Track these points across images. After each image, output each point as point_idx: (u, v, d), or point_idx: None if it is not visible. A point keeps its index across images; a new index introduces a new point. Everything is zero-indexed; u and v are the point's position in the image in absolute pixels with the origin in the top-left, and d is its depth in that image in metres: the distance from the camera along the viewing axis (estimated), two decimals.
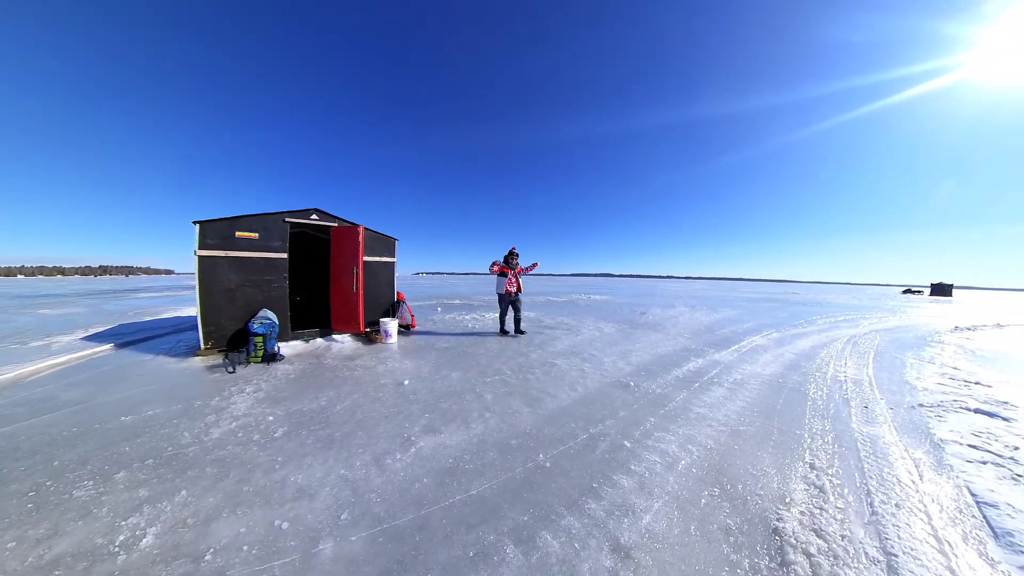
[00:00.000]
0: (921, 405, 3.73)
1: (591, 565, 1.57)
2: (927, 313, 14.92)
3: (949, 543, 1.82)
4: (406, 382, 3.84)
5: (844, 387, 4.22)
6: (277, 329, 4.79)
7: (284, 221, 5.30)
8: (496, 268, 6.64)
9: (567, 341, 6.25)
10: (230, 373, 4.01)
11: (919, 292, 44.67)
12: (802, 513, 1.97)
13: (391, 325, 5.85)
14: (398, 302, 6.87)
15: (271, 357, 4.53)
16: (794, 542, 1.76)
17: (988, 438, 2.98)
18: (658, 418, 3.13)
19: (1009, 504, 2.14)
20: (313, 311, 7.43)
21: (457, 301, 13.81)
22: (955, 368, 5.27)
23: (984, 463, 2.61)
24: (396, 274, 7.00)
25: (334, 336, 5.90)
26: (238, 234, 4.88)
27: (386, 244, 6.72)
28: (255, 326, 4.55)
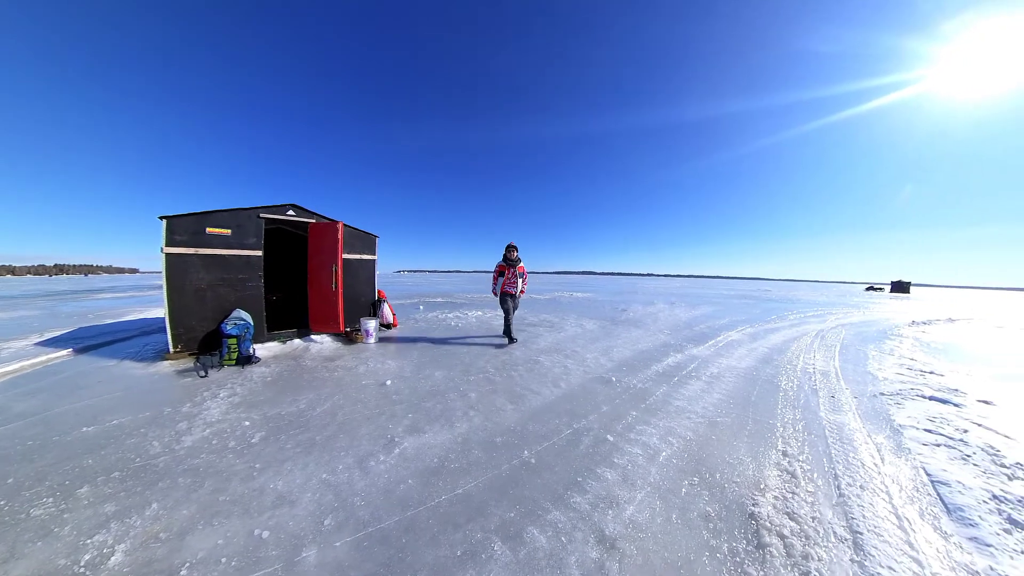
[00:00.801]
0: (882, 394, 3.97)
1: (578, 557, 1.60)
2: (887, 309, 15.83)
3: (908, 519, 1.95)
4: (388, 382, 3.79)
5: (813, 378, 4.44)
6: (252, 330, 4.62)
7: (259, 217, 5.10)
8: (496, 274, 5.85)
9: (550, 338, 6.30)
10: (202, 377, 3.85)
11: (881, 289, 47.33)
12: (776, 498, 2.07)
13: (372, 324, 5.74)
14: (379, 300, 6.75)
15: (246, 360, 4.37)
16: (769, 525, 1.84)
17: (941, 423, 3.20)
18: (639, 412, 3.20)
19: (960, 482, 2.31)
20: (290, 311, 7.20)
21: (440, 299, 13.68)
22: (912, 359, 5.64)
23: (938, 445, 2.80)
24: (377, 272, 6.87)
25: (312, 336, 5.75)
26: (209, 230, 4.66)
27: (366, 241, 6.58)
28: (228, 327, 4.38)
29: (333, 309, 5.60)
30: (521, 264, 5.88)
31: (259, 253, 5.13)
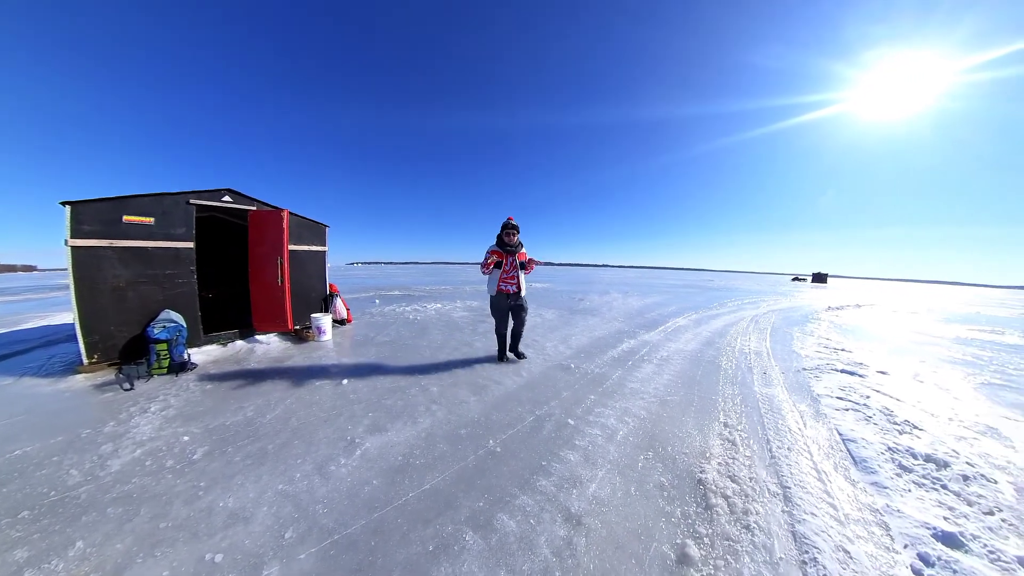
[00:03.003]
0: (804, 369, 4.51)
1: (547, 537, 1.67)
2: (809, 297, 17.97)
3: (825, 472, 2.26)
4: (345, 381, 3.63)
5: (748, 358, 4.93)
6: (185, 333, 4.19)
7: (188, 204, 4.57)
8: (490, 262, 4.12)
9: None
10: (127, 391, 3.43)
11: (804, 280, 53.36)
12: (719, 464, 2.29)
13: (324, 321, 5.44)
14: (331, 295, 6.40)
15: (180, 367, 3.96)
16: (714, 488, 2.05)
17: (849, 391, 3.72)
18: (597, 395, 3.36)
19: (864, 439, 2.71)
20: (230, 309, 6.60)
21: (396, 292, 13.24)
22: (828, 339, 6.48)
23: (847, 410, 3.25)
24: (328, 264, 6.49)
25: (257, 337, 5.33)
26: (127, 219, 4.10)
27: (315, 231, 6.16)
28: (156, 331, 3.93)
29: (280, 306, 5.22)
30: (523, 251, 4.24)
31: (190, 245, 4.62)
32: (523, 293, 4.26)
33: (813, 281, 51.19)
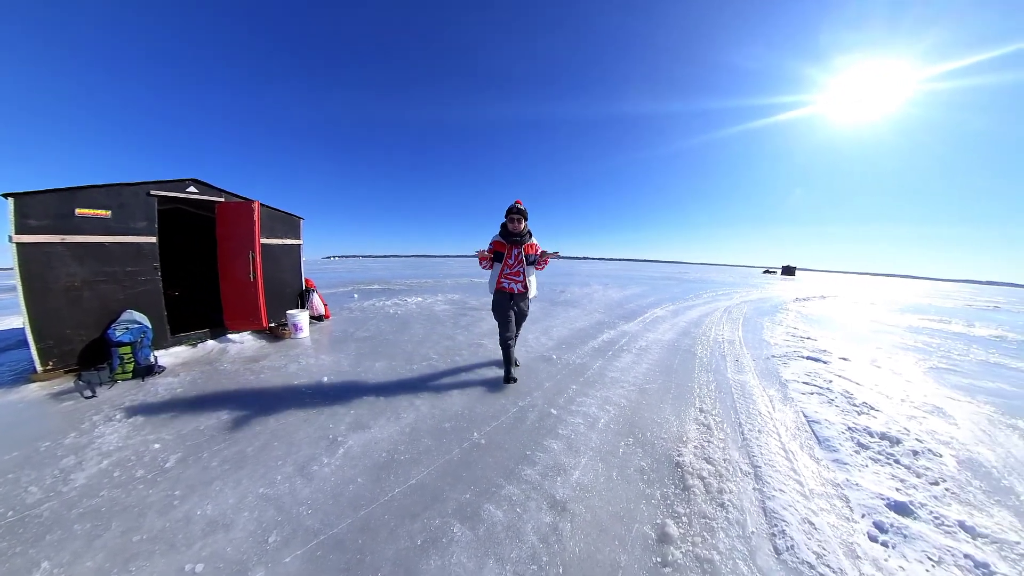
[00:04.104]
0: (773, 356, 4.74)
1: (534, 524, 1.71)
2: (779, 288, 18.86)
3: (792, 452, 2.41)
4: (325, 379, 3.56)
5: (722, 346, 5.14)
6: (151, 334, 3.98)
7: (149, 195, 4.29)
8: (488, 253, 3.44)
9: (491, 322, 6.35)
10: (88, 398, 3.22)
11: (774, 272, 55.93)
12: (696, 447, 2.40)
13: (301, 317, 5.29)
14: (307, 290, 6.21)
15: (146, 370, 3.76)
16: (691, 470, 2.15)
17: (814, 376, 3.95)
18: (579, 385, 3.44)
19: (827, 420, 2.89)
20: (199, 308, 6.30)
21: (376, 286, 12.98)
22: (795, 328, 6.83)
23: (812, 394, 3.46)
24: (303, 258, 6.27)
25: (230, 336, 5.13)
26: (79, 212, 3.81)
27: (289, 223, 5.93)
28: (118, 333, 3.72)
29: (253, 302, 5.03)
30: (533, 241, 3.42)
31: (152, 240, 4.36)
32: (531, 295, 3.49)
33: (782, 274, 53.66)
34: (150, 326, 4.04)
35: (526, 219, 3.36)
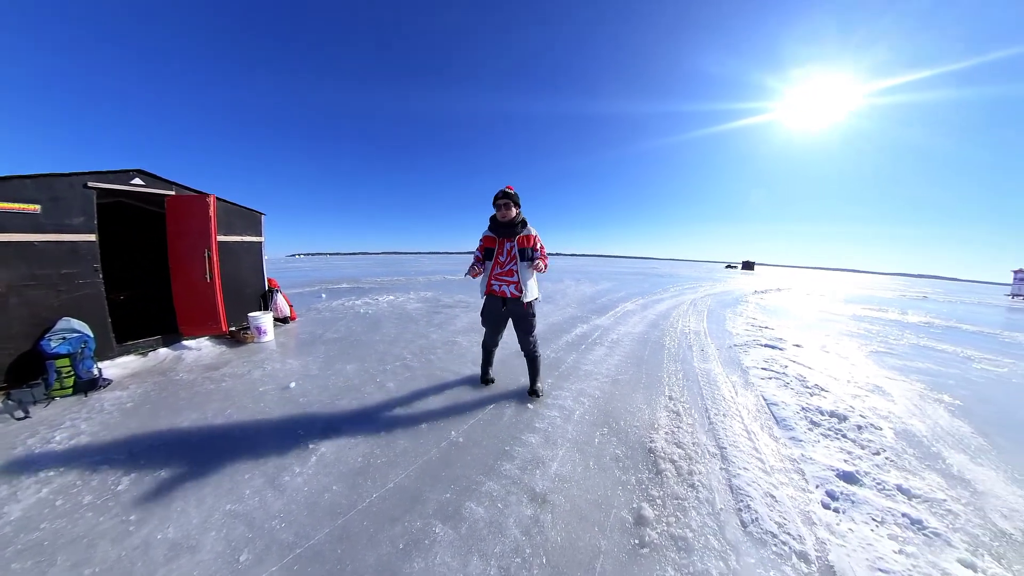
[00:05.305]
0: (735, 345, 5.04)
1: (515, 518, 1.73)
2: (739, 282, 20.06)
3: (753, 432, 2.57)
4: (292, 384, 3.40)
5: (688, 337, 5.40)
6: (93, 344, 3.64)
7: (86, 187, 3.88)
8: (478, 253, 2.99)
9: (466, 319, 6.35)
10: (21, 419, 2.87)
11: (735, 267, 59.04)
12: (667, 433, 2.51)
13: (264, 320, 5.03)
14: (271, 291, 5.90)
15: (89, 385, 3.43)
16: (663, 455, 2.25)
17: (772, 362, 4.23)
18: (554, 378, 3.50)
19: (784, 402, 3.10)
20: (149, 313, 5.83)
21: (345, 285, 12.53)
22: (754, 319, 7.30)
23: (770, 379, 3.70)
24: (266, 256, 5.93)
25: (185, 343, 4.79)
26: (1, 206, 3.42)
27: (249, 219, 5.57)
28: (53, 344, 3.37)
29: (210, 305, 4.72)
30: (530, 232, 2.84)
31: (91, 238, 3.94)
32: (528, 297, 2.84)
33: (743, 269, 56.97)
34: (92, 335, 3.69)
35: (518, 206, 2.83)
